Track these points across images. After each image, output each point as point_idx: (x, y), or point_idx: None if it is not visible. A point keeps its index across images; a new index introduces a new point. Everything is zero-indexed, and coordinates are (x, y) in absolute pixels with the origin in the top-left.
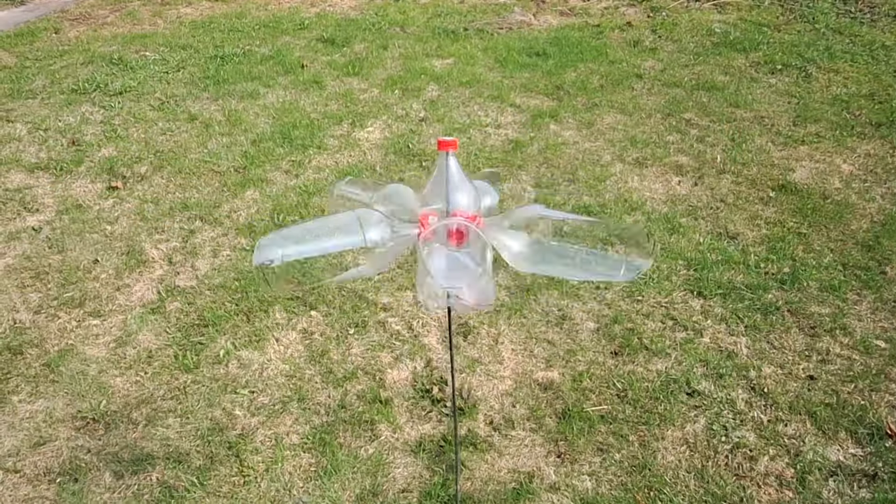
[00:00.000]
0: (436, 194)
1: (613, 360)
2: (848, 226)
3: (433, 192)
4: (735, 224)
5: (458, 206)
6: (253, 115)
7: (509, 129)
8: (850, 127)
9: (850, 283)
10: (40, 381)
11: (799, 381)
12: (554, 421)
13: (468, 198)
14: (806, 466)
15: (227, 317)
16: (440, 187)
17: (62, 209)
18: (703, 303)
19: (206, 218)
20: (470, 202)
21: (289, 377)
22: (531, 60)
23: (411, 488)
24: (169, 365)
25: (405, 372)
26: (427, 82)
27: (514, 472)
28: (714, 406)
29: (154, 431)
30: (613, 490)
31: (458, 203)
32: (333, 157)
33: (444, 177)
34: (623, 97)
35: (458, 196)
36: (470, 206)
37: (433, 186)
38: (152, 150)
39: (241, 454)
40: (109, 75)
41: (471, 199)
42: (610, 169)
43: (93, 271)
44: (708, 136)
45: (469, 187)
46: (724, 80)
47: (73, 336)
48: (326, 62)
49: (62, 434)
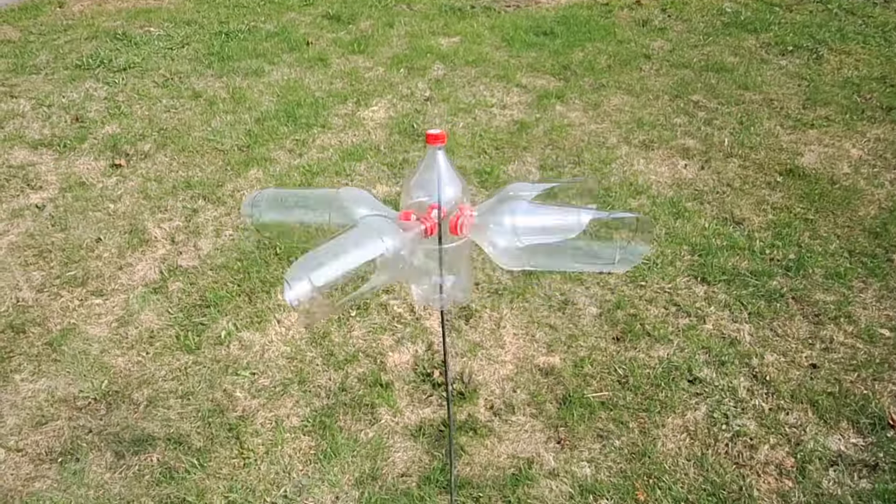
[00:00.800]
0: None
1: (615, 346)
2: (855, 212)
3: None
4: (741, 209)
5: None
6: (257, 93)
7: (515, 110)
8: (861, 111)
9: (855, 270)
10: (42, 360)
11: (802, 369)
12: (554, 406)
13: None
14: (806, 456)
15: (228, 297)
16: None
17: (65, 186)
18: (707, 289)
19: (209, 197)
20: (459, 196)
21: (290, 359)
22: (538, 39)
23: (411, 472)
24: (170, 345)
25: (406, 355)
26: (433, 61)
27: (514, 457)
28: (715, 394)
29: (155, 412)
30: (612, 477)
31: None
32: (338, 137)
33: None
34: (631, 78)
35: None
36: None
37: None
38: (156, 127)
39: (241, 436)
40: (113, 51)
41: (459, 193)
42: (616, 151)
43: (95, 250)
44: (716, 118)
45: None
46: (733, 61)
47: (76, 315)
48: (332, 39)
49: (64, 413)
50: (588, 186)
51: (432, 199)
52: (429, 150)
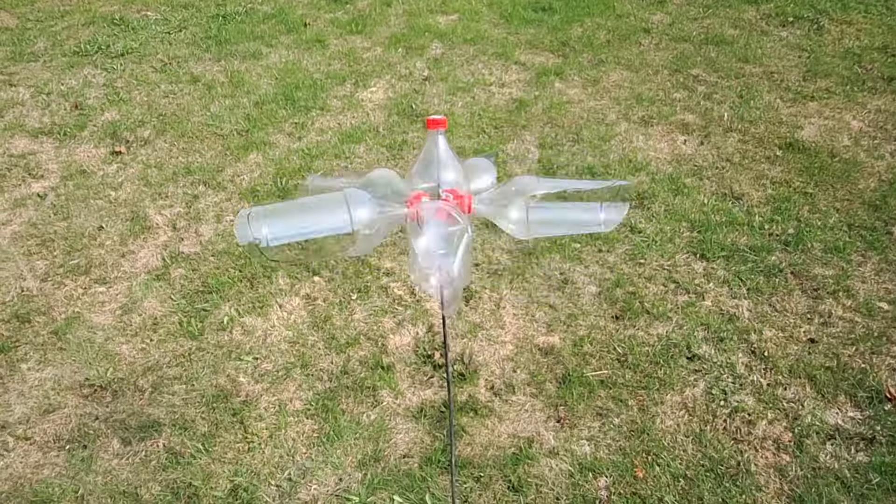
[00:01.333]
0: (423, 174)
1: (614, 325)
2: (855, 185)
3: (421, 172)
4: (740, 184)
5: (448, 184)
6: (255, 77)
7: (513, 88)
8: (861, 82)
9: (854, 244)
10: (48, 349)
11: (800, 344)
12: (554, 386)
13: (457, 176)
14: (804, 430)
15: (230, 283)
16: (429, 167)
17: (66, 175)
18: (706, 265)
19: (209, 182)
20: (459, 180)
21: (292, 343)
22: (537, 16)
23: (412, 454)
24: (174, 332)
25: (407, 337)
26: (431, 40)
27: (514, 437)
28: (714, 370)
29: (160, 398)
30: (612, 455)
31: (449, 182)
32: (336, 119)
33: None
34: (630, 53)
35: (448, 174)
36: (460, 184)
37: (421, 166)
38: (155, 113)
39: (245, 421)
40: (111, 36)
41: (460, 177)
42: (615, 128)
43: (98, 238)
44: (715, 92)
45: (458, 166)
46: (733, 33)
47: (80, 303)
48: (329, 20)
49: (70, 401)
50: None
51: (422, 186)
52: (429, 134)
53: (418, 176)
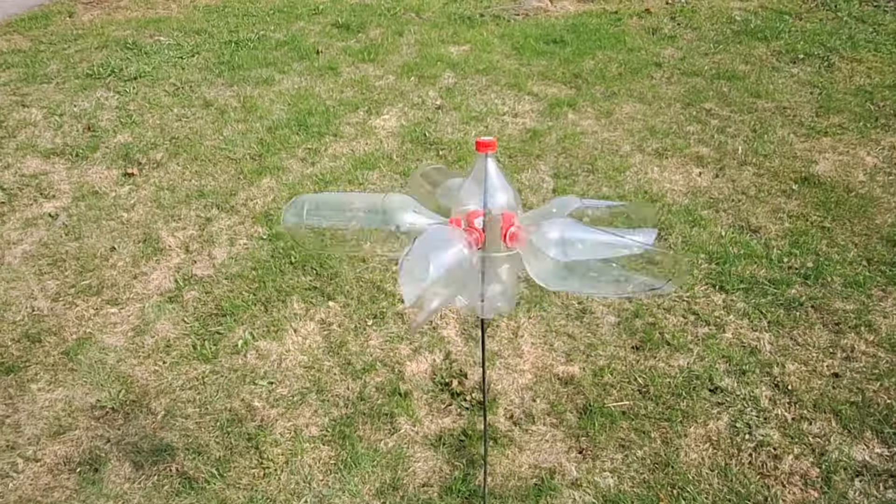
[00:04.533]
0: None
1: (635, 355)
2: (872, 220)
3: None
4: (757, 217)
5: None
6: (268, 102)
7: (527, 118)
8: (875, 118)
9: (874, 278)
10: (59, 370)
11: (823, 378)
12: (575, 416)
13: (507, 199)
14: (831, 466)
15: (244, 306)
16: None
17: (78, 195)
18: (726, 297)
19: (222, 206)
20: (511, 203)
21: (307, 368)
22: (548, 48)
23: (432, 482)
24: (187, 355)
25: (424, 364)
26: (443, 69)
27: (536, 467)
28: (737, 403)
29: (173, 422)
30: (636, 487)
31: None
32: (349, 145)
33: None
34: (642, 86)
35: (498, 197)
36: (511, 207)
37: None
38: (168, 136)
39: (260, 446)
40: (124, 60)
41: (510, 199)
42: (629, 159)
43: (110, 259)
44: (729, 126)
45: (508, 188)
46: (744, 69)
47: (91, 324)
48: (341, 48)
49: (81, 423)
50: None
51: (480, 206)
52: (478, 157)
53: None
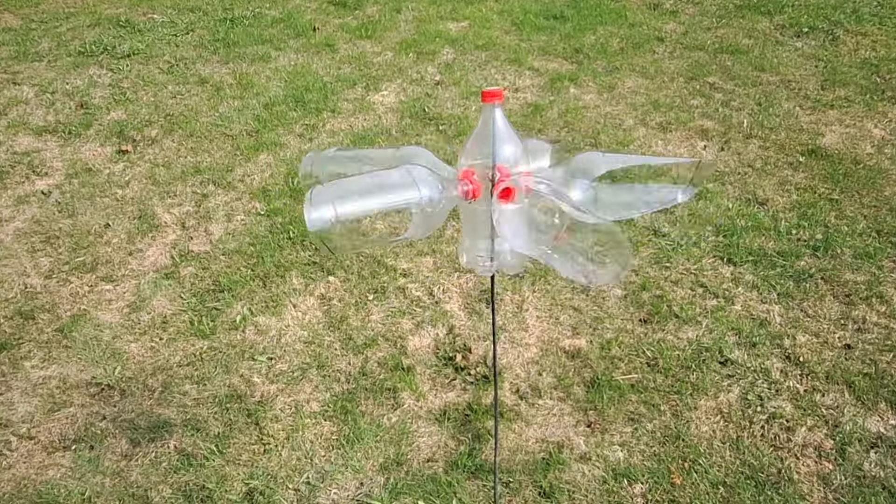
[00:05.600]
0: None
1: (642, 328)
2: (881, 192)
3: (475, 148)
4: (764, 190)
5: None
6: (265, 79)
7: (528, 93)
8: (881, 91)
9: (885, 250)
10: (53, 347)
11: (835, 349)
12: (582, 390)
13: (516, 151)
14: (846, 437)
15: (242, 282)
16: (484, 142)
17: (71, 173)
18: (734, 270)
19: (219, 182)
20: (518, 156)
21: (307, 343)
22: (548, 23)
23: (436, 458)
24: (184, 331)
25: (427, 339)
26: (442, 45)
27: (543, 441)
28: (748, 375)
29: (170, 398)
30: (646, 461)
31: (505, 157)
32: (348, 121)
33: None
34: (644, 61)
35: (506, 149)
36: (518, 160)
37: (476, 141)
38: (162, 113)
39: (260, 422)
40: (117, 38)
41: (518, 153)
42: (633, 133)
43: (104, 236)
44: (733, 100)
45: (517, 141)
46: (748, 43)
47: (86, 301)
48: (338, 25)
49: (76, 400)
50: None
51: (475, 161)
52: (484, 108)
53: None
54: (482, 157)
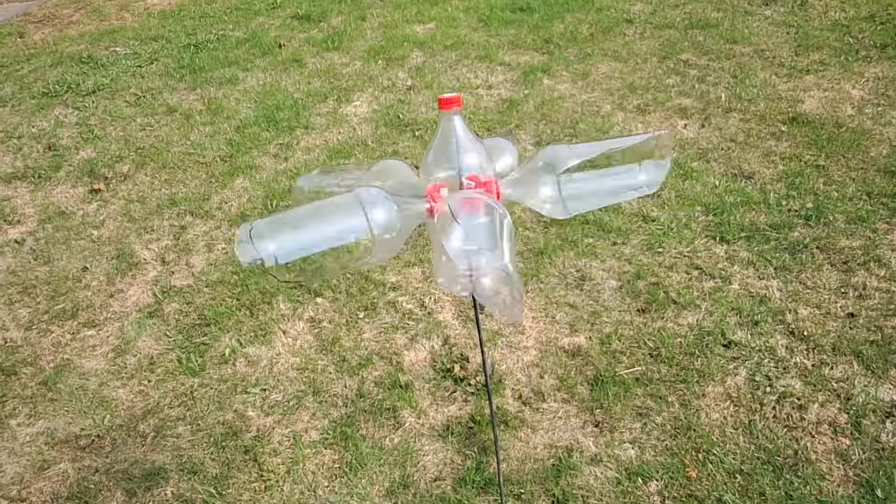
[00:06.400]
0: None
1: (641, 318)
2: (867, 153)
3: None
4: (749, 163)
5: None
6: (234, 101)
7: (502, 89)
8: (855, 51)
9: (877, 212)
10: (38, 402)
11: (839, 319)
12: (586, 388)
13: (480, 159)
14: (859, 410)
15: (228, 313)
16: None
17: (44, 218)
18: (727, 248)
19: (196, 212)
20: (483, 163)
21: (301, 370)
22: (516, 16)
23: (444, 475)
24: (173, 370)
25: (423, 352)
26: (410, 49)
27: (552, 447)
28: (753, 356)
29: (164, 442)
30: (659, 456)
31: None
32: (322, 136)
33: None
34: (615, 44)
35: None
36: (483, 167)
37: (437, 152)
38: (133, 147)
39: (258, 457)
40: (80, 75)
41: (483, 159)
42: (611, 119)
43: (83, 280)
44: (708, 75)
45: (479, 147)
46: (717, 16)
47: (69, 350)
48: (304, 39)
49: (67, 455)
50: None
51: (441, 175)
52: (443, 116)
53: (434, 164)
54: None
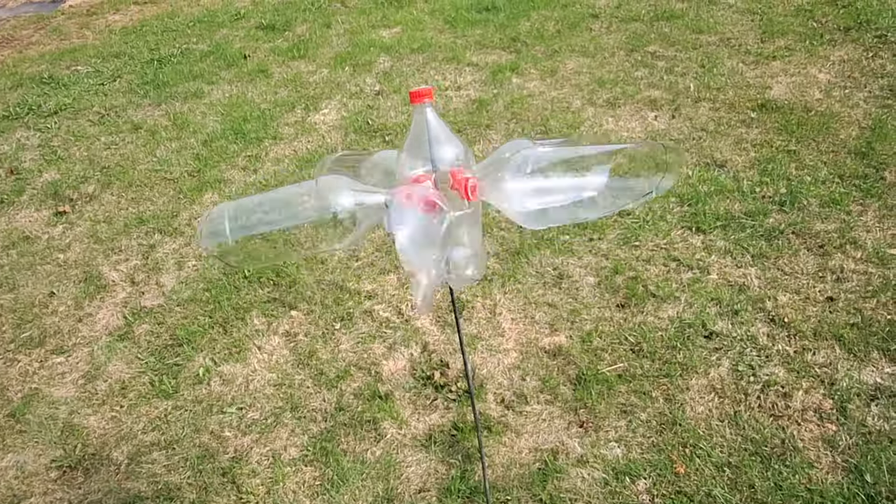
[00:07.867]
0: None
1: (621, 314)
2: (837, 136)
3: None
4: (721, 151)
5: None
6: (200, 115)
7: (470, 90)
8: (819, 35)
9: (850, 194)
10: (6, 434)
11: (818, 304)
12: (569, 389)
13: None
14: (844, 394)
15: (201, 331)
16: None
17: (8, 244)
18: (704, 238)
19: (165, 230)
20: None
21: (277, 386)
22: (482, 16)
23: (428, 486)
24: (146, 394)
25: (402, 361)
26: (377, 54)
27: (537, 450)
28: (735, 345)
29: (139, 469)
30: (646, 453)
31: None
32: (291, 146)
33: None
34: (582, 39)
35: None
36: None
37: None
38: (97, 167)
39: (237, 479)
40: (41, 96)
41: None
42: (582, 114)
43: (50, 305)
44: (676, 66)
45: (454, 139)
46: (682, 7)
47: (37, 378)
48: (269, 49)
49: (38, 489)
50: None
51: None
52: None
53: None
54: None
